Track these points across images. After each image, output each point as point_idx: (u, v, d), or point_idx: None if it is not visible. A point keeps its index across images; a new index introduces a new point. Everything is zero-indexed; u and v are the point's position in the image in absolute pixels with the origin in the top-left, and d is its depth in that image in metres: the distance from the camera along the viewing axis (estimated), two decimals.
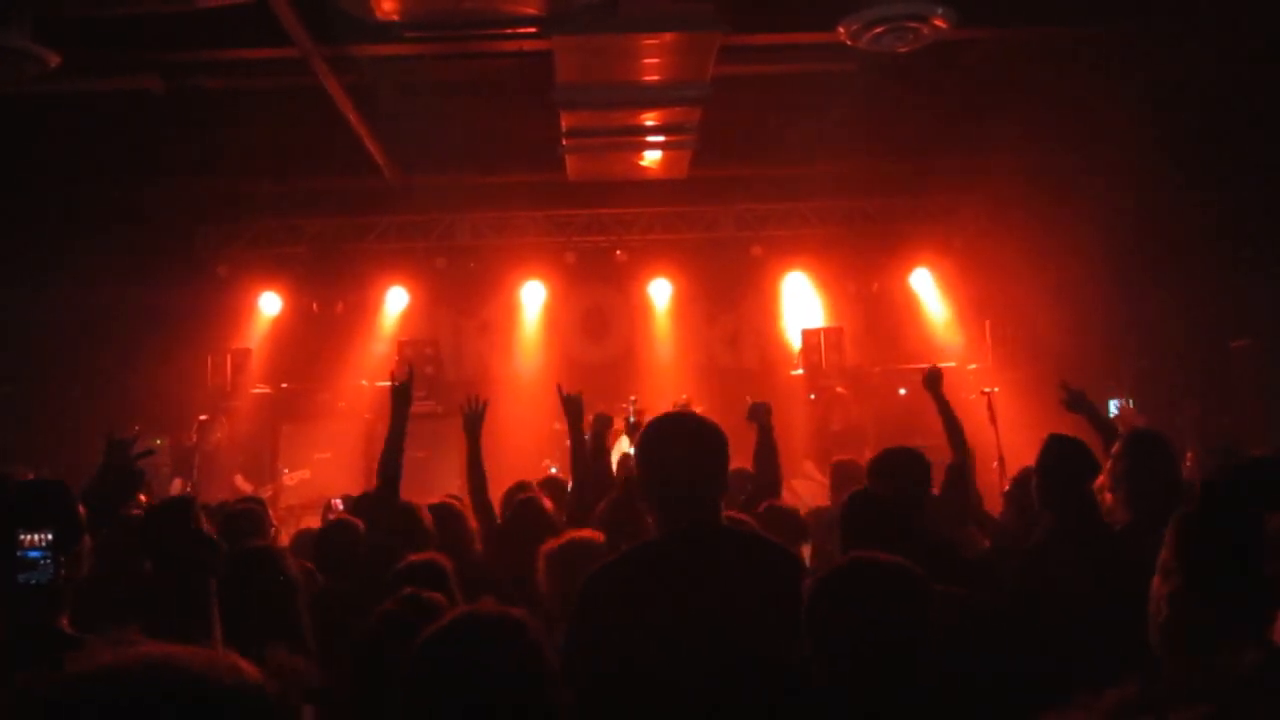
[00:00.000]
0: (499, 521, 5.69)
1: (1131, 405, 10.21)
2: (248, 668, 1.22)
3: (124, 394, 11.68)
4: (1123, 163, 10.88)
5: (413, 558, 3.70)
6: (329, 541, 4.96)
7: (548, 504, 5.51)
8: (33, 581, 2.95)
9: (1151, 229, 10.75)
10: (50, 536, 2.98)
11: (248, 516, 5.30)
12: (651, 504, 3.19)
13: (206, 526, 4.54)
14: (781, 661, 2.86)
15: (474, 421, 6.13)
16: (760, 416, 6.03)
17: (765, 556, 3.16)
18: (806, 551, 5.04)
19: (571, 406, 6.21)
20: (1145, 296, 11.05)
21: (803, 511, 6.32)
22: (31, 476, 6.14)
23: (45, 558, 2.97)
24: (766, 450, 5.92)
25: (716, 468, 3.18)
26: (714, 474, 3.17)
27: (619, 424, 11.12)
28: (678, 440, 3.21)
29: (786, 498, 6.53)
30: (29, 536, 2.97)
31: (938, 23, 7.11)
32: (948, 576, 3.33)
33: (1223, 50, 8.78)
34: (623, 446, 9.18)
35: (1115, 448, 4.42)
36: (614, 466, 6.31)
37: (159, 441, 11.42)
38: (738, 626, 2.91)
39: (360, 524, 4.94)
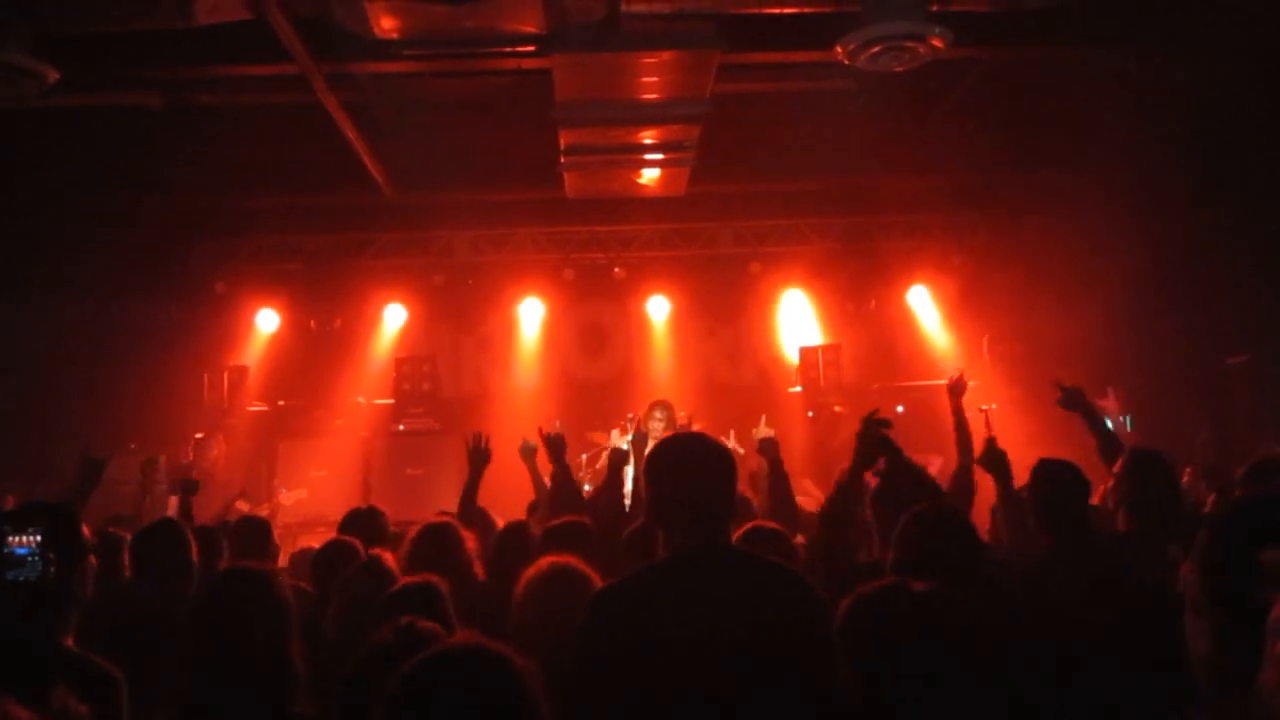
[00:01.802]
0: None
1: (1126, 424, 10.18)
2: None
3: (120, 411, 11.65)
4: (1120, 180, 10.91)
5: (407, 580, 3.67)
6: (325, 562, 4.91)
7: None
8: (20, 579, 2.96)
9: (1149, 245, 10.75)
10: (39, 538, 2.99)
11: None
12: (660, 524, 3.21)
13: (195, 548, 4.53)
14: (791, 683, 2.86)
15: (479, 456, 6.13)
16: (770, 451, 6.08)
17: (774, 578, 3.16)
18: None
19: (554, 446, 6.23)
20: (1143, 313, 11.06)
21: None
22: (11, 501, 6.13)
23: (33, 555, 2.98)
24: (779, 484, 5.96)
25: (726, 488, 3.21)
26: (723, 494, 3.20)
27: (601, 439, 11.14)
28: (687, 461, 3.23)
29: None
30: (17, 537, 2.98)
31: (934, 42, 7.12)
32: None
33: (1220, 67, 8.80)
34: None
35: (1118, 467, 4.43)
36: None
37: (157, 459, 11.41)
38: (747, 647, 2.91)
39: (357, 543, 4.89)
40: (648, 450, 3.51)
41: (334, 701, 2.82)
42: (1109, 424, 9.78)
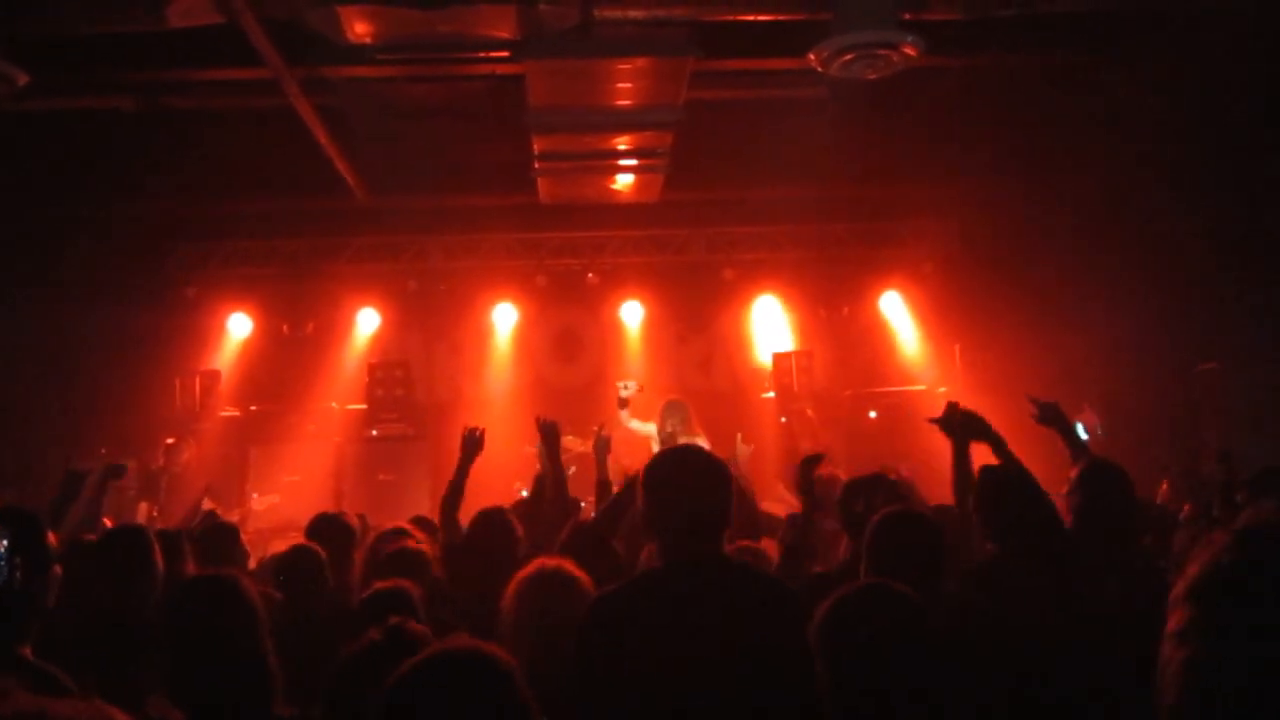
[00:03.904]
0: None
1: (1098, 430, 10.23)
2: (120, 717, 1.21)
3: (91, 416, 11.58)
4: (1090, 188, 11.00)
5: (378, 585, 3.67)
6: (291, 567, 4.87)
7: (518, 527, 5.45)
8: None
9: (1119, 252, 10.84)
10: (5, 542, 2.94)
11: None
12: (656, 534, 3.27)
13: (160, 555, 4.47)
14: (778, 689, 2.90)
15: (472, 444, 6.02)
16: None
17: (766, 589, 3.23)
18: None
19: (548, 433, 6.22)
20: (1114, 320, 11.14)
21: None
22: None
23: None
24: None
25: (722, 501, 3.26)
26: (719, 507, 3.25)
27: (573, 445, 11.17)
28: (685, 473, 3.29)
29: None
30: None
31: (907, 50, 7.15)
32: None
33: (1189, 77, 8.88)
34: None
35: (1071, 478, 4.45)
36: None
37: (125, 464, 11.33)
38: (740, 657, 2.96)
39: (321, 549, 4.86)
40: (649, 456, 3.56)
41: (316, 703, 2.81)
42: (1085, 436, 9.88)
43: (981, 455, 5.22)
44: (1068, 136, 10.21)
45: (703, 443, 8.52)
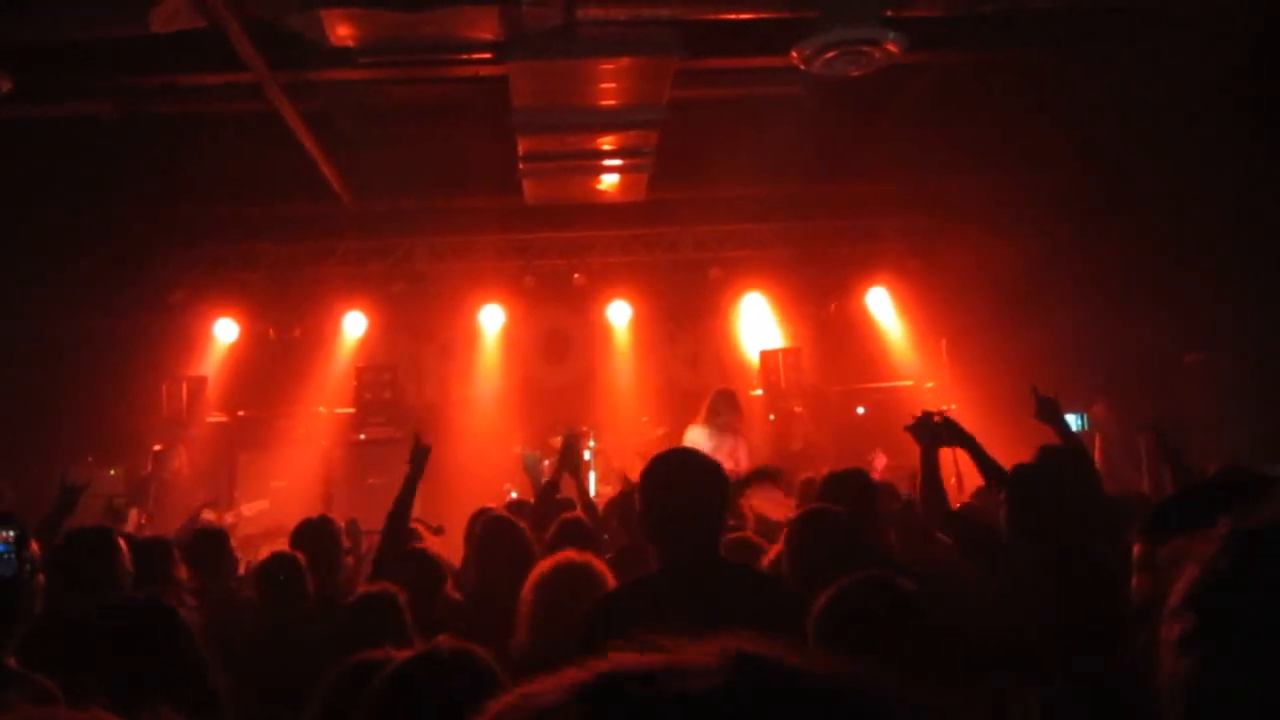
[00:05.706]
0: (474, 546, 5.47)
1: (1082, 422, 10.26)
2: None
3: (77, 423, 11.55)
4: (1075, 183, 11.02)
5: (365, 588, 3.64)
6: (271, 574, 4.83)
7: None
8: None
9: (1107, 245, 10.87)
10: (13, 534, 2.93)
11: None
12: (653, 537, 3.28)
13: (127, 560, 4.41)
14: None
15: (420, 457, 5.70)
16: None
17: (763, 590, 3.24)
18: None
19: (570, 444, 6.23)
20: (1101, 312, 11.16)
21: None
22: None
23: (8, 552, 2.92)
24: None
25: (718, 504, 3.30)
26: (715, 510, 3.30)
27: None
28: (682, 476, 3.31)
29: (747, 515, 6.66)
30: None
31: (890, 47, 7.16)
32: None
33: (1170, 72, 8.90)
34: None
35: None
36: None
37: (112, 471, 11.31)
38: None
39: (302, 556, 4.83)
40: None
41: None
42: (1075, 427, 9.91)
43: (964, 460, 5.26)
44: (1051, 131, 10.22)
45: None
